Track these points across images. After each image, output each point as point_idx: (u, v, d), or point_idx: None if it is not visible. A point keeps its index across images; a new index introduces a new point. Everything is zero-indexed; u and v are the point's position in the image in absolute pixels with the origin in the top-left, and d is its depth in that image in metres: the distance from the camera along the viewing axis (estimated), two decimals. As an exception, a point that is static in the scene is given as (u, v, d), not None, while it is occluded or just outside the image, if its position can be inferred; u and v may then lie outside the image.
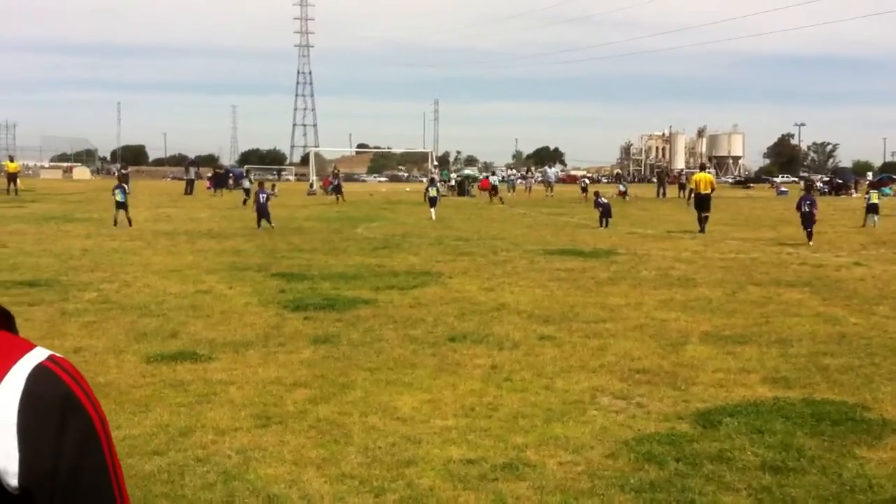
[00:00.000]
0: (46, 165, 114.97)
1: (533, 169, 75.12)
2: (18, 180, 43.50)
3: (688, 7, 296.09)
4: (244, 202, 34.71)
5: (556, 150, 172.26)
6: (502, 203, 42.50)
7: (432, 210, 29.65)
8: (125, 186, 24.75)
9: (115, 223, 23.30)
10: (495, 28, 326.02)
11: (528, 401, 6.89)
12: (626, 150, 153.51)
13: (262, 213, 23.64)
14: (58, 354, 1.07)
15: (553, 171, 62.55)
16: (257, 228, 23.19)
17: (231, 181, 52.16)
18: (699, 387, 7.34)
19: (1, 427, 0.98)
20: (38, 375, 1.02)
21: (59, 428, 1.01)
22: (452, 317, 10.43)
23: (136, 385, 7.25)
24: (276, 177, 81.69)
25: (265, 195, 24.21)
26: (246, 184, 41.41)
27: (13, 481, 0.97)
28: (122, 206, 23.88)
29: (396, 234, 22.99)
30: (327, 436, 6.03)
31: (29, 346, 1.06)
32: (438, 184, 33.70)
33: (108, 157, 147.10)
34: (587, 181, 54.19)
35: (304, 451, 5.71)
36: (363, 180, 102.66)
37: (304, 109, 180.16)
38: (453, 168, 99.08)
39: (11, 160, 47.17)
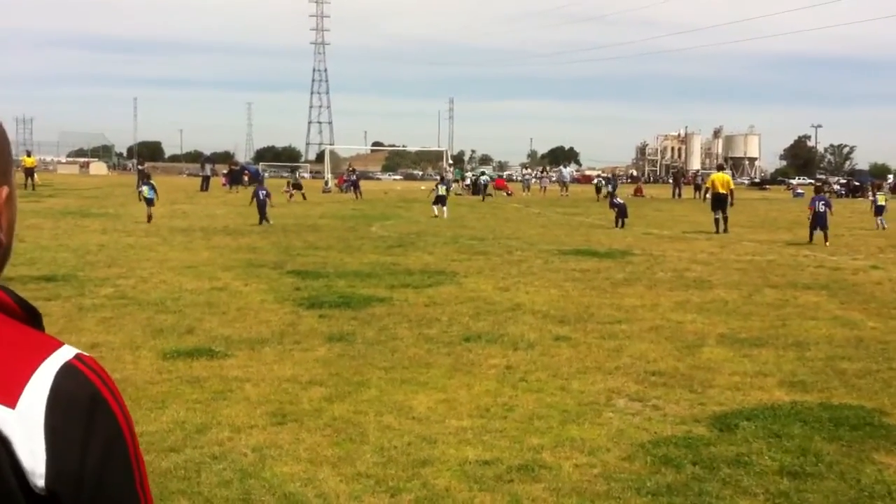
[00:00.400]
0: (63, 161, 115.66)
1: (548, 168, 74.91)
2: (36, 175, 43.80)
3: (704, 7, 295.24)
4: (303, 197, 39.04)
5: (572, 149, 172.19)
6: (483, 199, 43.58)
7: (444, 208, 29.63)
8: (154, 184, 25.45)
9: (150, 219, 23.75)
10: (511, 27, 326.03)
11: (543, 402, 6.87)
12: (642, 150, 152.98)
13: (262, 209, 24.45)
14: (85, 353, 1.06)
15: (568, 170, 62.36)
16: (269, 224, 23.72)
17: (246, 178, 52.27)
18: (716, 390, 7.30)
19: (29, 426, 0.96)
20: (66, 374, 1.01)
21: (87, 428, 1.00)
22: (467, 316, 10.41)
23: (153, 381, 7.29)
24: (291, 174, 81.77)
25: (265, 192, 25.15)
26: (293, 180, 42.94)
27: (40, 482, 0.96)
28: (150, 202, 24.52)
29: (411, 232, 22.99)
30: (343, 434, 6.03)
31: (57, 344, 1.05)
32: (453, 183, 33.77)
33: (125, 153, 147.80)
34: (602, 181, 53.94)
35: (320, 449, 5.71)
36: (378, 178, 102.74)
37: (320, 107, 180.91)
38: (469, 167, 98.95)
39: (28, 155, 47.43)
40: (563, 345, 8.93)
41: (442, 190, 31.04)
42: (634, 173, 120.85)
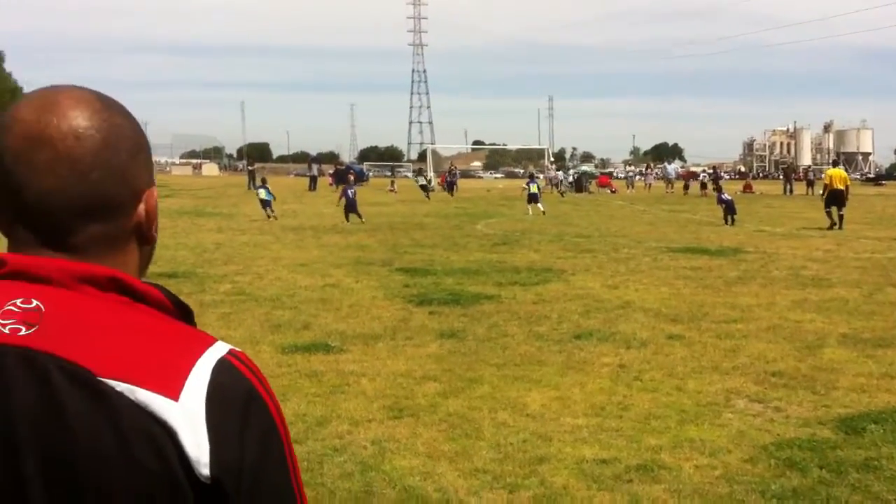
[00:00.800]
0: (177, 162, 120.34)
1: (652, 165, 73.55)
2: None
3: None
4: (427, 196, 40.82)
5: (675, 145, 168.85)
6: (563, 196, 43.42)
7: (539, 205, 29.44)
8: (269, 187, 26.78)
9: (270, 217, 25.18)
10: (612, 23, 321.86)
11: (659, 401, 6.78)
12: (749, 146, 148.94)
13: (352, 207, 25.00)
14: (237, 349, 1.09)
15: (673, 167, 60.87)
16: (349, 221, 24.21)
17: (351, 178, 53.16)
18: (840, 391, 7.06)
19: (191, 417, 1.00)
20: (222, 369, 1.04)
21: (244, 422, 1.03)
22: (577, 314, 10.35)
23: (274, 375, 7.49)
24: (391, 174, 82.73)
25: (353, 191, 25.94)
26: (422, 181, 44.73)
27: (205, 471, 0.99)
28: (266, 204, 25.93)
29: (515, 230, 22.97)
30: (458, 430, 6.09)
31: (211, 340, 1.08)
32: (537, 180, 33.41)
33: (235, 155, 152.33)
34: (707, 176, 52.46)
35: (437, 444, 5.78)
36: (479, 177, 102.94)
37: (420, 107, 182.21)
38: (570, 165, 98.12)
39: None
40: (677, 344, 8.79)
41: (533, 188, 30.84)
42: (742, 169, 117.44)
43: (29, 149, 1.07)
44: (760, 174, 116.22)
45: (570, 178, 56.04)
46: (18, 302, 1.03)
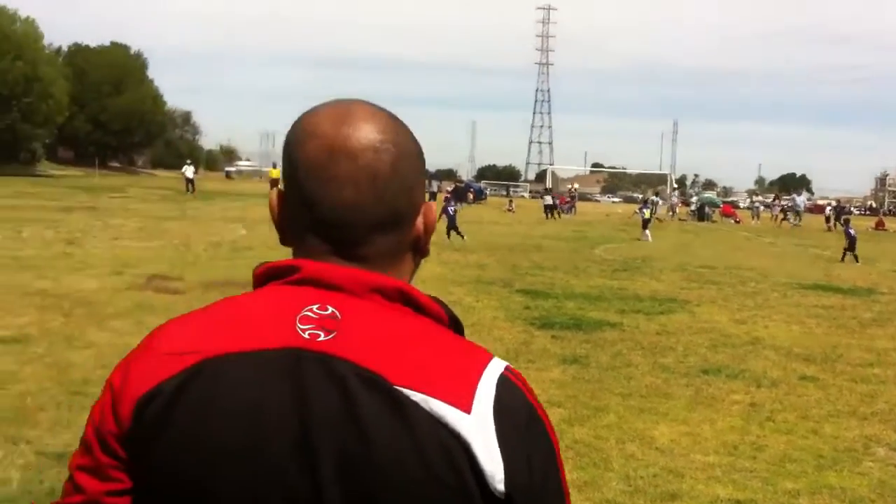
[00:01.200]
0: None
1: (780, 196, 71.17)
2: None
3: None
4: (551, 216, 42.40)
5: (803, 177, 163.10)
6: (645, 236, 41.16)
7: (646, 232, 29.17)
8: None
9: None
10: (740, 48, 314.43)
11: (794, 444, 6.56)
12: (882, 181, 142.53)
13: (451, 223, 24.80)
14: (511, 366, 1.09)
15: (801, 198, 58.70)
16: (462, 239, 23.93)
17: (471, 196, 53.54)
18: None
19: (484, 431, 0.99)
20: (504, 385, 1.04)
21: (528, 441, 1.03)
22: (704, 347, 10.12)
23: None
24: (506, 194, 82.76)
25: (454, 208, 25.82)
26: (549, 200, 45.38)
27: (500, 486, 0.99)
28: None
29: (636, 257, 22.62)
30: (585, 459, 6.04)
31: (489, 355, 1.08)
32: (651, 206, 33.47)
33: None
34: (832, 210, 50.25)
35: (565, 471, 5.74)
36: (597, 200, 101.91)
37: (541, 127, 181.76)
38: (692, 192, 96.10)
39: (274, 167, 51.16)
40: (811, 385, 8.49)
41: (647, 213, 30.51)
42: (873, 205, 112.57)
43: (327, 162, 1.08)
44: (892, 210, 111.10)
45: (693, 206, 54.88)
46: (315, 308, 1.05)
